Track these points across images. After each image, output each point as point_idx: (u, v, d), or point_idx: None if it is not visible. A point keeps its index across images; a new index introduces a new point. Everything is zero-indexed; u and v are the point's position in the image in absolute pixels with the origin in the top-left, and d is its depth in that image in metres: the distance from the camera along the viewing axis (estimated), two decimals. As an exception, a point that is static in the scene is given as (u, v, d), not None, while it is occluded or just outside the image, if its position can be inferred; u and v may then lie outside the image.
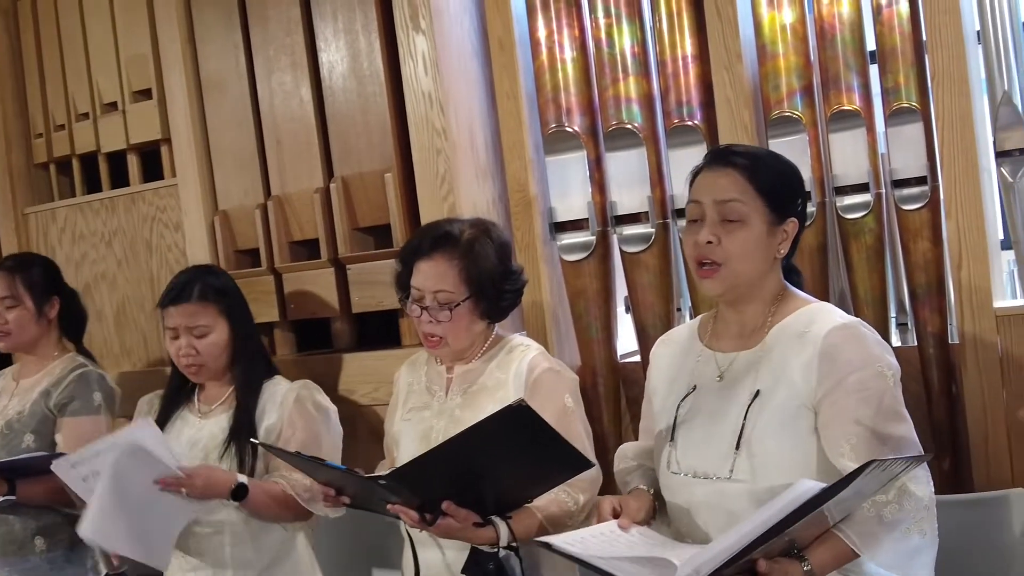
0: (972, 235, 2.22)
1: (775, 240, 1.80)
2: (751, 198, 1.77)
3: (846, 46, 2.35)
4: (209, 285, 2.45)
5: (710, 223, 1.78)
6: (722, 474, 1.75)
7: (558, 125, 2.65)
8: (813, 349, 1.74)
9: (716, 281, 1.79)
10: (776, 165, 1.85)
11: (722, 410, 1.80)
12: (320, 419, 2.45)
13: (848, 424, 1.70)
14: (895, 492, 1.65)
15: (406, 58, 2.69)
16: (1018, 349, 2.22)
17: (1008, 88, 2.20)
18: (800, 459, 1.73)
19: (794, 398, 1.74)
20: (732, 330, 1.87)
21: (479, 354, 2.22)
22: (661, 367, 1.98)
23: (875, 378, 1.72)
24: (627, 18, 2.58)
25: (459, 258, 2.13)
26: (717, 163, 1.82)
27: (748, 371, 1.80)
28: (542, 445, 1.79)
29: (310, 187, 2.88)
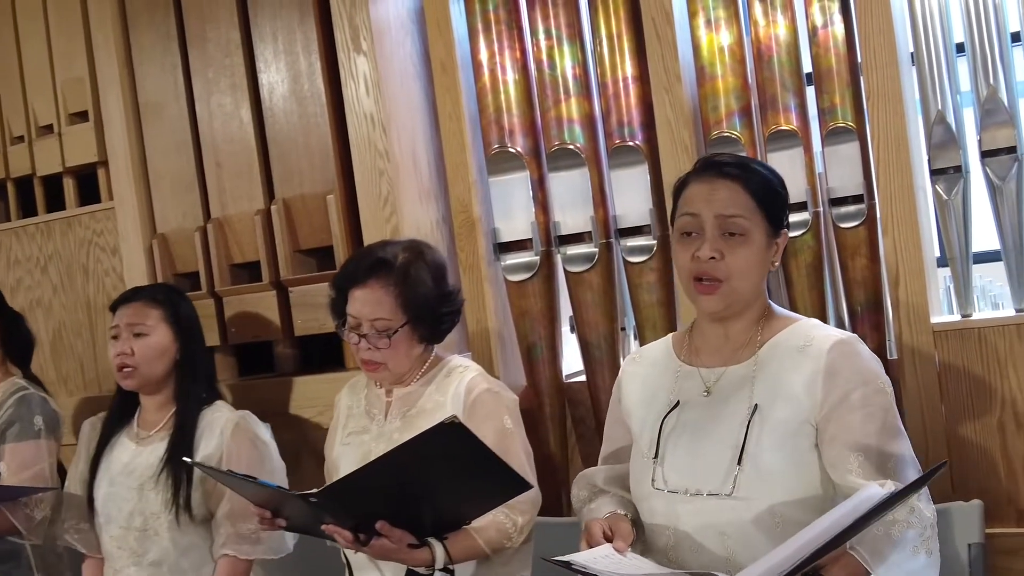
0: (908, 252, 2.26)
1: (771, 253, 1.79)
2: (752, 212, 1.75)
3: (783, 67, 2.38)
4: (161, 293, 2.44)
5: (711, 238, 1.74)
6: (722, 490, 1.71)
7: (501, 146, 2.66)
8: (815, 364, 1.72)
9: (717, 298, 1.75)
10: (770, 176, 1.82)
11: (713, 425, 1.76)
12: (260, 451, 2.42)
13: (854, 441, 1.68)
14: (904, 511, 1.64)
15: (347, 79, 2.68)
16: (956, 364, 2.26)
17: (941, 107, 2.24)
18: (802, 475, 1.71)
19: (797, 414, 1.72)
20: (715, 345, 1.84)
21: (418, 377, 2.20)
22: (635, 387, 1.94)
23: (877, 394, 1.72)
24: (568, 40, 2.60)
25: (395, 284, 2.11)
26: (711, 173, 1.78)
27: (741, 386, 1.77)
28: (477, 464, 1.77)
29: (251, 209, 2.85)
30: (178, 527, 2.34)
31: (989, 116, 2.20)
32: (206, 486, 2.36)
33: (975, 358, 2.24)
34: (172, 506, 2.33)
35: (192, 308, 2.53)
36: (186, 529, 2.36)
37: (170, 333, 2.42)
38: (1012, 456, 2.23)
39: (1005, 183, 2.20)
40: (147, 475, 2.37)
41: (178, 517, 2.34)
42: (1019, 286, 2.24)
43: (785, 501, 1.68)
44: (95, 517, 2.44)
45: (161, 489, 2.34)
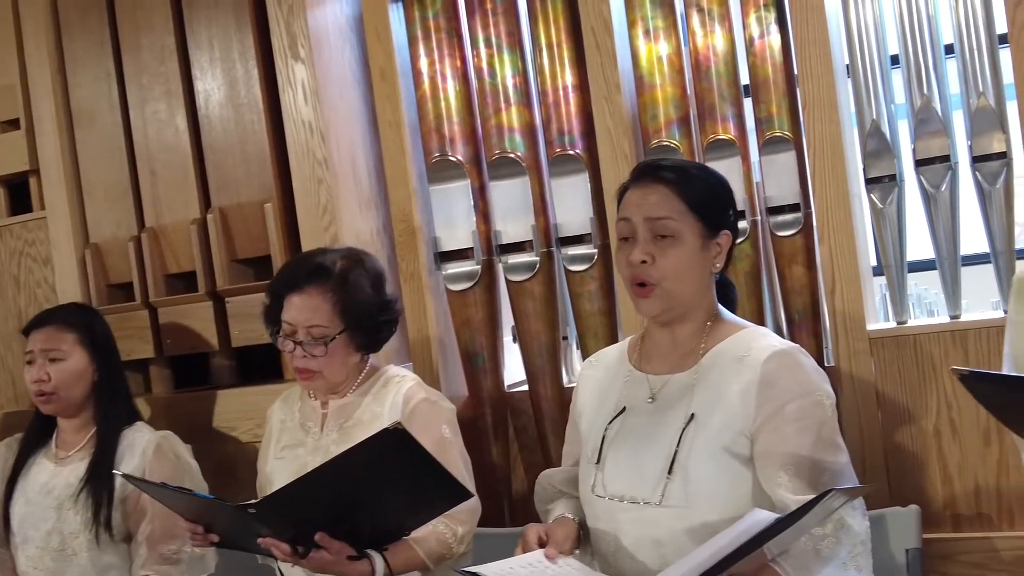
0: (844, 259, 2.28)
1: (709, 254, 1.76)
2: (682, 214, 1.73)
3: (720, 77, 2.40)
4: (74, 315, 2.40)
5: (642, 241, 1.74)
6: (652, 499, 1.70)
7: (441, 154, 2.64)
8: (752, 375, 1.70)
9: (653, 301, 1.75)
10: (705, 177, 1.81)
11: (654, 433, 1.75)
12: (183, 472, 2.38)
13: (785, 454, 1.66)
14: (832, 525, 1.63)
15: (285, 87, 2.66)
16: (891, 371, 2.28)
17: (876, 117, 2.27)
18: (734, 487, 1.69)
19: (731, 425, 1.70)
20: (663, 351, 1.82)
21: (354, 387, 2.17)
22: (588, 390, 1.92)
23: (814, 407, 1.69)
24: (508, 49, 2.60)
25: (332, 291, 2.08)
26: (645, 179, 1.78)
27: (683, 394, 1.76)
28: (419, 472, 1.75)
29: (186, 218, 2.81)
30: (97, 547, 2.31)
31: (923, 126, 2.23)
32: (126, 506, 2.34)
33: (911, 365, 2.27)
34: (92, 525, 2.29)
35: (106, 327, 2.50)
36: (105, 549, 2.32)
37: (86, 356, 2.39)
38: (948, 462, 2.26)
39: (939, 192, 2.24)
40: (66, 494, 2.33)
41: (98, 536, 2.30)
42: (953, 294, 2.28)
43: (716, 512, 1.67)
44: (11, 537, 2.39)
45: (81, 508, 2.30)
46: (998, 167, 2.19)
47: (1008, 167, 2.19)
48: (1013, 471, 2.21)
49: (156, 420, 2.70)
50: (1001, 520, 2.24)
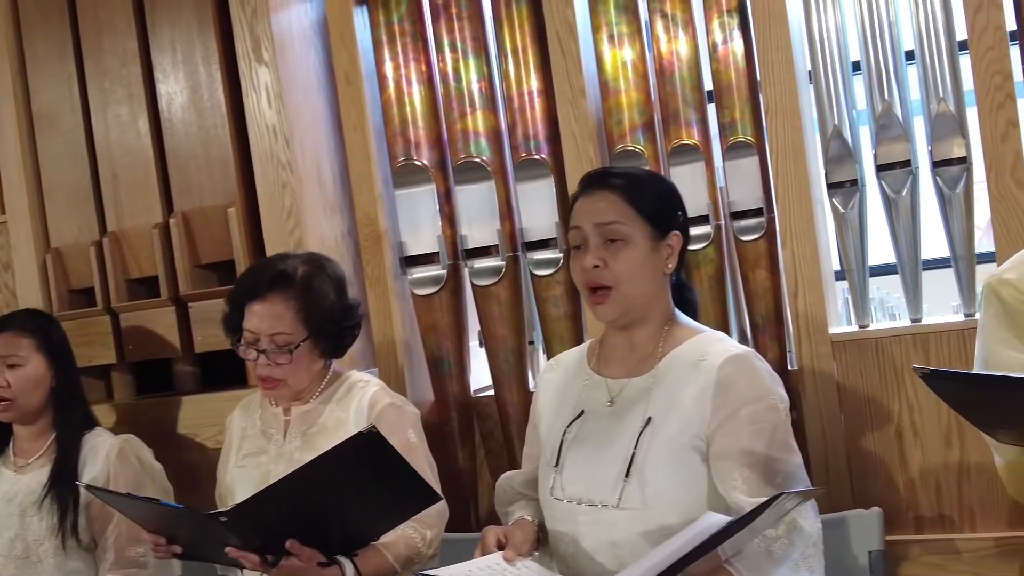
0: (807, 264, 2.30)
1: (660, 256, 1.79)
2: (631, 217, 1.76)
3: (684, 83, 2.41)
4: (32, 320, 2.37)
5: (594, 247, 1.76)
6: (610, 502, 1.72)
7: (407, 159, 2.64)
8: (707, 379, 1.72)
9: (609, 306, 1.77)
10: (652, 181, 1.85)
11: (611, 436, 1.77)
12: (146, 475, 2.36)
13: (741, 457, 1.68)
14: (785, 527, 1.65)
15: (249, 90, 2.64)
16: (854, 373, 2.30)
17: (838, 122, 2.29)
18: (690, 489, 1.71)
19: (687, 428, 1.72)
20: (621, 355, 1.84)
21: (317, 394, 2.16)
22: (548, 393, 1.94)
23: (768, 411, 1.71)
24: (473, 53, 2.60)
25: (295, 298, 2.07)
26: (594, 187, 1.81)
27: (640, 398, 1.78)
28: (391, 476, 1.75)
29: (148, 223, 2.78)
30: (64, 553, 2.28)
31: (884, 131, 2.25)
32: (91, 511, 2.31)
33: (872, 368, 2.28)
34: (59, 531, 2.26)
35: (63, 332, 2.47)
36: (72, 555, 2.29)
37: (44, 362, 2.36)
38: (910, 464, 2.28)
39: (900, 196, 2.26)
40: (29, 501, 2.30)
41: (64, 542, 2.27)
42: (914, 297, 2.30)
43: (672, 515, 1.68)
44: None
45: (45, 514, 2.27)
46: (958, 172, 2.21)
47: (968, 172, 2.22)
48: (974, 473, 2.24)
49: (118, 427, 2.67)
50: (963, 521, 2.26)
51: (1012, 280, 1.63)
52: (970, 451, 2.23)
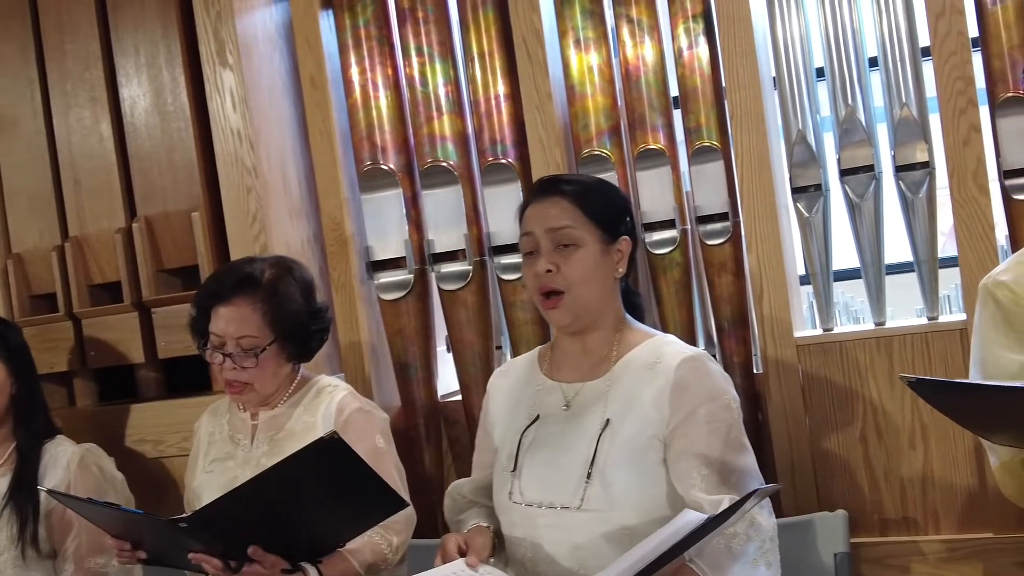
0: (772, 268, 2.31)
1: (611, 260, 1.83)
2: (582, 222, 1.80)
3: (650, 88, 2.42)
4: None
5: (546, 252, 1.79)
6: (572, 503, 1.74)
7: (373, 163, 2.63)
8: (664, 380, 1.76)
9: (563, 310, 1.80)
10: (601, 188, 1.90)
11: (570, 439, 1.79)
12: (107, 484, 2.33)
13: (697, 455, 1.72)
14: (743, 524, 1.68)
15: (213, 94, 2.62)
16: (818, 376, 2.31)
17: (802, 127, 2.30)
18: (650, 489, 1.74)
19: (646, 429, 1.75)
20: (574, 360, 1.87)
21: (285, 398, 2.15)
22: (499, 399, 1.97)
23: (723, 410, 1.76)
24: (440, 57, 2.59)
25: (262, 300, 2.06)
26: (544, 193, 1.84)
27: (596, 401, 1.81)
28: (355, 482, 1.74)
29: (111, 227, 2.76)
30: (23, 563, 2.25)
31: (847, 136, 2.27)
32: (51, 520, 2.28)
33: (837, 371, 2.30)
34: (18, 541, 2.23)
35: (23, 339, 2.43)
36: (31, 564, 2.26)
37: (4, 369, 2.32)
38: (874, 466, 2.30)
39: (863, 201, 2.27)
40: None
41: (24, 553, 2.24)
42: (878, 301, 2.32)
43: (633, 515, 1.72)
44: None
45: (5, 524, 2.24)
46: (921, 176, 2.23)
47: (931, 176, 2.24)
48: (938, 475, 2.25)
49: (80, 434, 2.63)
50: (927, 523, 2.28)
51: (1007, 282, 1.65)
52: (934, 453, 2.25)
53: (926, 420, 2.24)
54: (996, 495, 2.14)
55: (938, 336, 2.23)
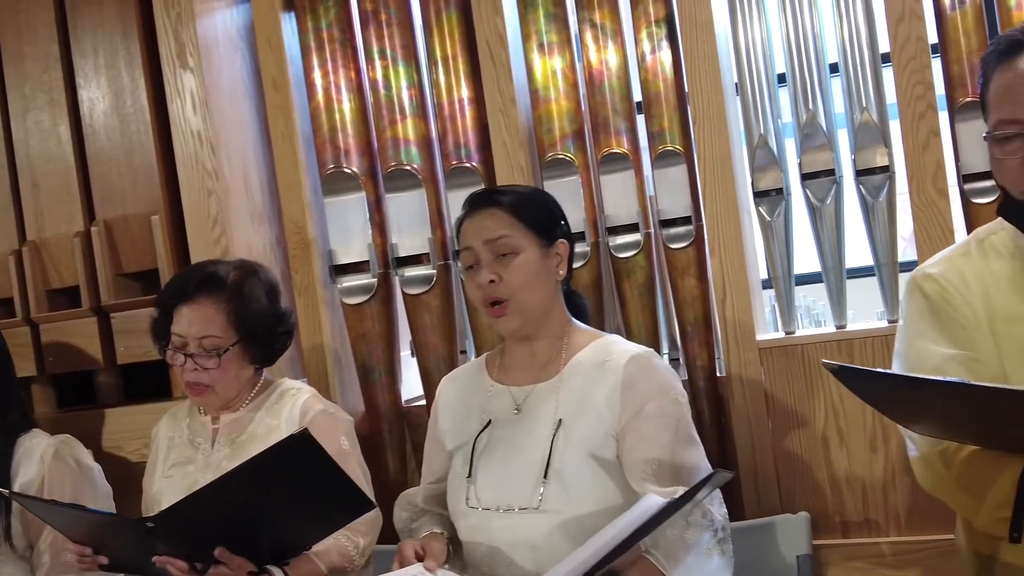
0: (734, 271, 2.32)
1: (551, 263, 1.86)
2: (518, 229, 1.83)
3: (614, 92, 2.42)
4: None
5: (487, 263, 1.82)
6: (530, 504, 1.76)
7: (336, 166, 2.61)
8: (614, 379, 1.79)
9: (509, 317, 1.83)
10: (533, 195, 1.94)
11: (523, 442, 1.81)
12: (84, 476, 2.28)
13: (649, 450, 1.75)
14: (698, 514, 1.71)
15: (173, 96, 2.60)
16: (780, 380, 2.33)
17: (763, 132, 2.32)
18: (605, 486, 1.76)
19: (599, 427, 1.78)
20: (523, 364, 1.90)
21: (247, 401, 2.13)
22: (449, 407, 1.98)
23: (671, 405, 1.79)
24: (403, 61, 2.58)
25: (226, 301, 2.04)
26: (478, 206, 1.88)
27: (547, 402, 1.83)
28: (323, 481, 1.72)
29: (69, 231, 2.72)
30: None
31: (808, 140, 2.29)
32: (27, 515, 2.23)
33: (799, 374, 2.31)
34: None
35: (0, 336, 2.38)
36: (6, 560, 2.21)
37: None
38: (836, 469, 2.31)
39: (824, 205, 2.29)
40: None
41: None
42: (838, 304, 2.33)
43: (591, 512, 1.74)
44: None
45: None
46: (881, 180, 2.25)
47: (891, 180, 2.26)
48: (899, 477, 2.27)
49: (38, 441, 2.59)
50: (888, 525, 2.30)
51: (935, 275, 1.66)
52: (894, 456, 2.27)
53: (887, 422, 2.25)
54: (956, 496, 2.17)
55: (897, 339, 2.24)
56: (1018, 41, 1.55)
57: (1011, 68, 1.54)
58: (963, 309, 1.62)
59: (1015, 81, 1.53)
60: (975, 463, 1.54)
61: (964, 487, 1.56)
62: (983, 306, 1.61)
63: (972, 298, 1.62)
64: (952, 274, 1.65)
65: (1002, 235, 1.65)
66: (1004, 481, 1.48)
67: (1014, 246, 1.63)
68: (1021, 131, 1.52)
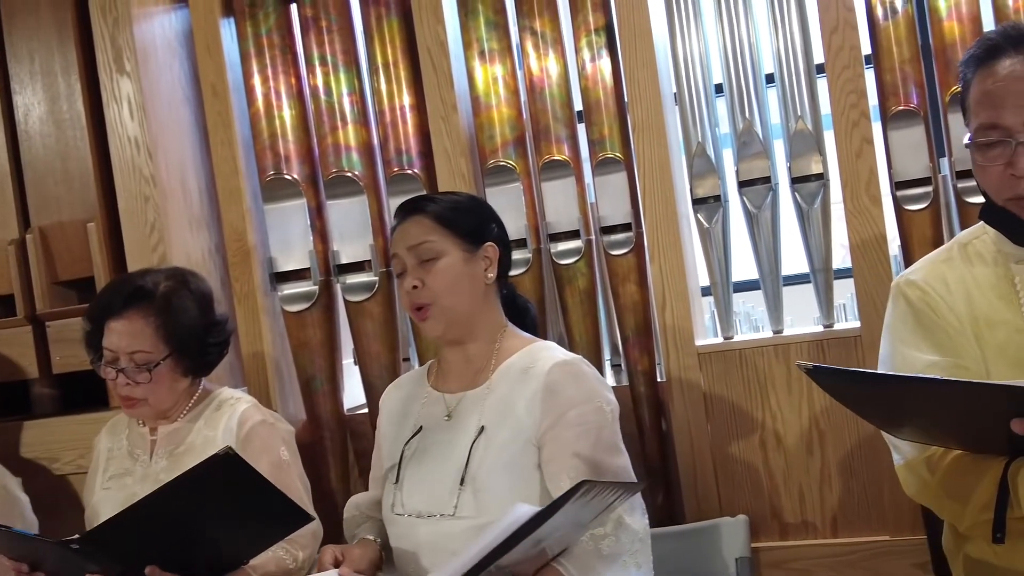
0: (674, 277, 2.35)
1: (478, 267, 1.85)
2: (441, 234, 1.84)
3: (554, 100, 2.44)
4: None
5: (411, 269, 1.83)
6: (447, 511, 1.76)
7: (276, 173, 2.59)
8: (537, 385, 1.78)
9: (432, 321, 1.83)
10: (460, 199, 1.93)
11: (448, 448, 1.81)
12: (9, 506, 2.25)
13: (568, 457, 1.74)
14: (612, 525, 1.70)
15: (110, 102, 2.56)
16: (719, 384, 2.35)
17: (701, 140, 2.35)
18: (523, 494, 1.74)
19: (519, 434, 1.77)
20: (457, 370, 1.90)
21: (184, 412, 2.10)
22: (390, 412, 1.98)
23: (594, 413, 1.77)
24: (344, 67, 2.58)
25: (155, 314, 2.02)
26: (405, 214, 1.89)
27: (475, 408, 1.83)
28: (255, 497, 1.70)
29: (4, 239, 2.67)
30: None
31: (745, 148, 2.32)
32: None
33: (737, 379, 2.34)
34: None
35: None
36: None
37: None
38: (774, 472, 2.34)
39: (761, 211, 2.32)
40: None
41: None
42: (775, 309, 2.36)
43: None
44: None
45: None
46: (816, 188, 2.29)
47: (825, 188, 2.29)
48: (835, 479, 2.31)
49: (-29, 453, 2.55)
50: (825, 527, 2.33)
51: (917, 281, 1.67)
52: (831, 458, 2.30)
53: (823, 426, 2.29)
54: (892, 499, 2.21)
55: (834, 343, 2.28)
56: (996, 45, 1.55)
57: (990, 73, 1.54)
58: (946, 315, 1.62)
59: (994, 86, 1.53)
60: (958, 467, 1.54)
61: (948, 492, 1.56)
62: (966, 311, 1.61)
63: (955, 303, 1.62)
64: (935, 280, 1.65)
65: (984, 240, 1.66)
66: (987, 483, 1.48)
67: (996, 251, 1.63)
68: (1002, 137, 1.52)
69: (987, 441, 1.48)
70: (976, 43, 1.60)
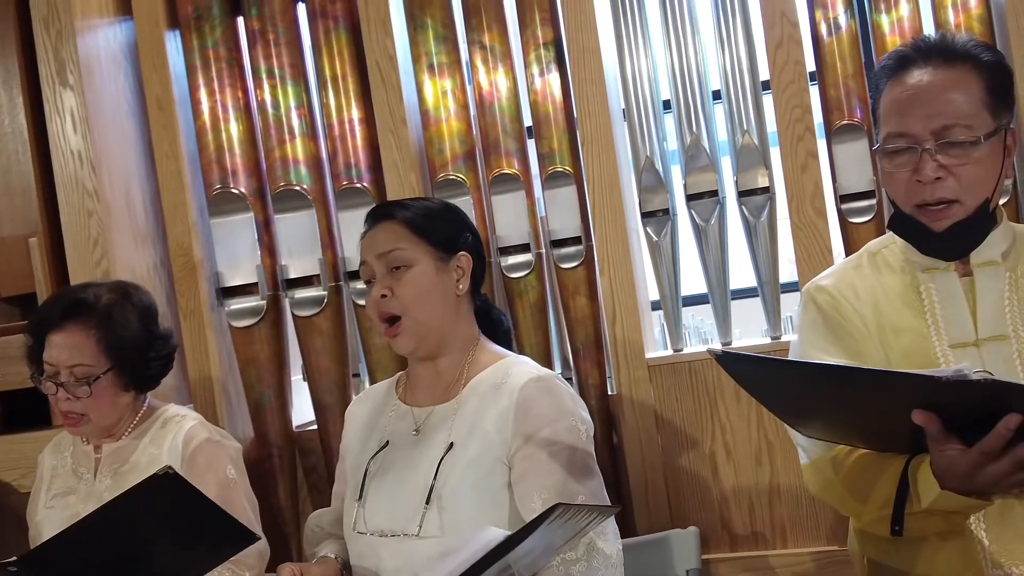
0: (624, 291, 2.36)
1: (450, 277, 1.79)
2: (412, 241, 1.77)
3: (504, 113, 2.44)
4: None
5: (380, 277, 1.77)
6: (411, 530, 1.69)
7: (223, 187, 2.57)
8: (508, 401, 1.72)
9: (403, 337, 1.76)
10: (433, 207, 1.86)
11: (414, 465, 1.74)
12: None
13: (540, 477, 1.67)
14: (584, 549, 1.64)
15: (53, 115, 2.53)
16: (669, 397, 2.36)
17: (650, 153, 2.36)
18: (493, 514, 1.69)
19: (489, 451, 1.71)
20: (427, 384, 1.83)
21: (129, 429, 2.07)
22: (356, 426, 1.91)
23: (568, 432, 1.71)
24: (291, 80, 2.56)
25: (96, 327, 1.98)
26: (375, 220, 1.83)
27: (443, 424, 1.76)
28: (197, 517, 1.66)
29: (-58, 254, 2.62)
30: None
31: (692, 161, 2.34)
32: None
33: (687, 391, 2.35)
34: None
35: None
36: None
37: None
38: (724, 484, 2.36)
39: (709, 225, 2.34)
40: None
41: None
42: (724, 321, 2.38)
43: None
44: None
45: None
46: (762, 201, 2.32)
47: (771, 201, 2.32)
48: (784, 490, 2.33)
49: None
50: (775, 538, 2.35)
51: (827, 287, 1.70)
52: (780, 470, 2.32)
53: (771, 437, 2.31)
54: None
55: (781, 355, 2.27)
56: (906, 56, 1.59)
57: (899, 83, 1.57)
58: (854, 320, 1.65)
59: (903, 96, 1.56)
60: (861, 465, 1.56)
61: (850, 489, 1.58)
62: (873, 317, 1.64)
63: (863, 309, 1.65)
64: (844, 286, 1.69)
65: (893, 249, 1.69)
66: (887, 479, 1.50)
67: (904, 259, 1.67)
68: (909, 144, 1.55)
69: (890, 437, 1.49)
70: (888, 54, 1.64)
